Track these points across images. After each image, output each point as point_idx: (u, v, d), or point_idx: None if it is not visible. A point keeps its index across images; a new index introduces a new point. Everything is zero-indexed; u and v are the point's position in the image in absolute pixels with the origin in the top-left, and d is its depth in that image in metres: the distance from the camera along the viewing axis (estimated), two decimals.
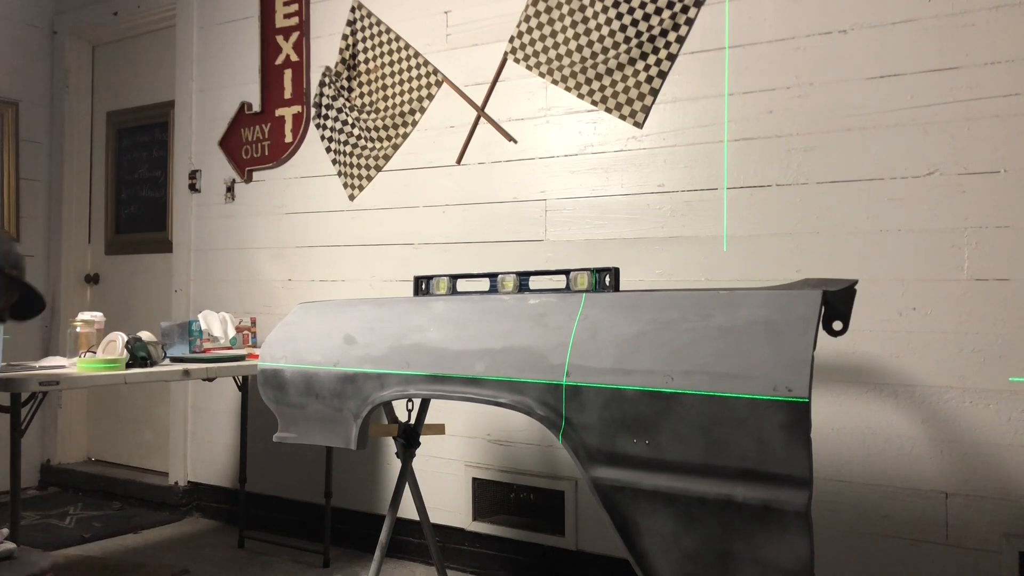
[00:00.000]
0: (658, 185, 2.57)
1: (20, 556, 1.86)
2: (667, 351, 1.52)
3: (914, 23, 2.21)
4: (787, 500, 1.37)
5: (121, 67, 4.32)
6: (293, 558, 3.03)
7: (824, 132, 2.32)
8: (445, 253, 2.99)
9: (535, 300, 1.78)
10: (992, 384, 2.09)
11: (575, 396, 1.59)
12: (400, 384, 1.86)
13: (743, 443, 1.41)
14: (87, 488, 4.10)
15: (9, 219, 4.16)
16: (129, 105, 4.23)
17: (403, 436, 2.22)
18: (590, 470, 1.57)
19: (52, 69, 4.34)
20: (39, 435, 4.21)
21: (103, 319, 2.74)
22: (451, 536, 2.90)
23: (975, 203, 2.13)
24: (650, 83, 2.56)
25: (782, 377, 1.38)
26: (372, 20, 3.14)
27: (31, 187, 4.26)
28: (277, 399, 2.10)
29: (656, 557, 1.51)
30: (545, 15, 2.74)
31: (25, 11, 4.25)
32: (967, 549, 2.11)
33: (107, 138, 4.36)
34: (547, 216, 2.78)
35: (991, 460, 2.09)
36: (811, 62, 2.34)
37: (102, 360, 2.46)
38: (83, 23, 4.29)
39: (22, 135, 4.21)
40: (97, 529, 3.45)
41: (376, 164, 3.15)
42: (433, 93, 3.01)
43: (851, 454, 2.26)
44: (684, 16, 2.50)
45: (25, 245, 4.23)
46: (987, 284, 2.11)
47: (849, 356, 2.25)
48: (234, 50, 3.59)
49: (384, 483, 3.02)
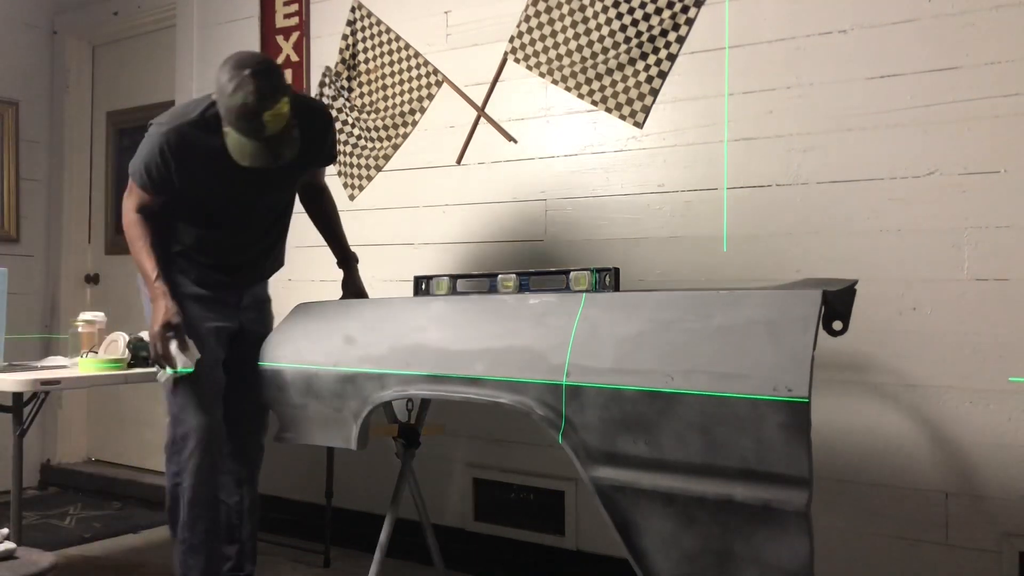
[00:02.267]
0: (658, 185, 2.57)
1: (20, 556, 1.87)
2: (667, 351, 1.52)
3: (914, 23, 2.21)
4: (787, 500, 1.37)
5: (121, 67, 4.32)
6: (293, 558, 3.03)
7: (824, 132, 2.32)
8: (445, 253, 2.99)
9: (535, 300, 1.78)
10: (992, 384, 2.09)
11: (575, 396, 1.59)
12: (400, 384, 1.86)
13: (743, 443, 1.41)
14: (87, 488, 4.10)
15: (9, 219, 4.16)
16: (129, 105, 4.23)
17: (403, 436, 2.22)
18: (590, 470, 1.58)
19: (52, 69, 4.34)
20: (39, 435, 4.21)
21: (104, 319, 2.74)
22: (451, 536, 2.90)
23: (975, 203, 2.13)
24: (650, 83, 2.56)
25: (782, 377, 1.38)
26: (372, 20, 3.14)
27: (31, 187, 4.26)
28: (277, 399, 2.10)
29: (656, 557, 1.51)
30: (545, 15, 2.74)
31: (25, 11, 4.25)
32: (967, 549, 2.11)
33: (107, 138, 4.36)
34: (547, 216, 2.78)
35: (991, 460, 2.09)
36: (811, 62, 2.34)
37: (104, 360, 2.47)
38: (83, 23, 4.29)
39: (22, 135, 4.21)
40: (97, 529, 3.45)
41: (376, 164, 3.15)
42: (433, 93, 3.01)
43: (851, 454, 2.26)
44: (684, 16, 2.50)
45: (25, 245, 4.23)
46: (987, 284, 2.11)
47: (849, 356, 2.25)
48: (234, 50, 3.54)
49: (384, 483, 3.02)
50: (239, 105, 1.91)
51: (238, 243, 2.35)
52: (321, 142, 2.32)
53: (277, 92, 1.93)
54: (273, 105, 1.91)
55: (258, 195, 2.27)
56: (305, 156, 2.21)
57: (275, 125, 1.94)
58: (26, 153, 4.23)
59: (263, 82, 1.91)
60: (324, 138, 2.34)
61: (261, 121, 1.91)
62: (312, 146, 2.24)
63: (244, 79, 1.90)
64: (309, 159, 2.29)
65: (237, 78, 1.92)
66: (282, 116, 1.94)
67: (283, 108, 1.93)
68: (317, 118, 2.28)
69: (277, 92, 1.93)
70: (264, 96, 1.90)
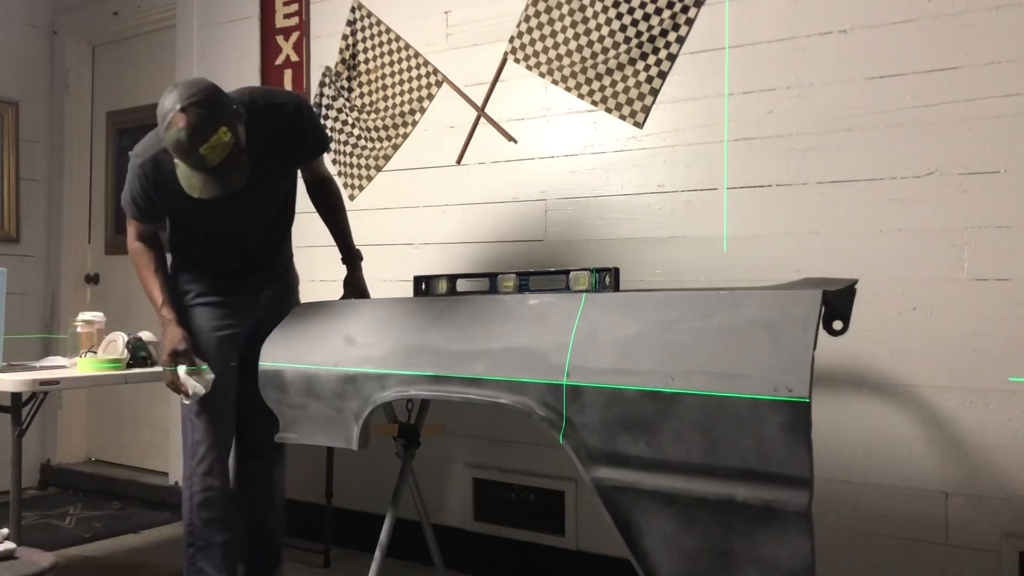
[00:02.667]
0: (658, 185, 2.57)
1: (20, 556, 1.87)
2: (667, 351, 1.52)
3: (914, 23, 2.21)
4: (788, 500, 1.37)
5: (121, 67, 4.32)
6: (293, 558, 3.02)
7: (824, 132, 2.32)
8: (445, 253, 2.98)
9: (535, 300, 1.78)
10: (992, 384, 2.09)
11: (576, 396, 1.59)
12: (401, 384, 1.86)
13: (744, 443, 1.41)
14: (87, 488, 4.10)
15: (9, 219, 4.16)
16: (129, 105, 4.23)
17: (403, 436, 2.22)
18: (591, 470, 1.58)
19: (52, 69, 4.34)
20: (39, 435, 4.21)
21: (103, 319, 2.73)
22: (451, 536, 2.90)
23: (975, 203, 2.13)
24: (650, 83, 2.56)
25: (782, 377, 1.38)
26: (372, 20, 3.14)
27: (31, 187, 4.26)
28: (278, 399, 2.10)
29: (657, 557, 1.51)
30: (545, 15, 2.74)
31: (25, 11, 4.25)
32: (967, 549, 2.11)
33: (107, 138, 4.36)
34: (547, 216, 2.78)
35: (991, 460, 2.09)
36: (811, 62, 2.34)
37: (103, 360, 2.46)
38: (83, 23, 4.29)
39: (22, 135, 4.21)
40: (97, 529, 3.45)
41: (376, 164, 3.15)
42: (433, 93, 3.01)
43: (851, 454, 2.26)
44: (684, 16, 2.50)
45: (25, 245, 4.23)
46: (987, 284, 2.11)
47: (849, 356, 2.25)
48: (234, 50, 3.59)
49: (384, 483, 3.01)
50: (174, 142, 1.86)
51: (240, 250, 2.34)
52: (295, 135, 2.22)
53: (211, 124, 1.84)
54: (209, 137, 1.84)
55: (245, 206, 2.22)
56: (283, 154, 2.18)
57: (215, 156, 1.87)
58: (26, 153, 4.23)
59: (193, 117, 1.83)
60: (297, 130, 2.22)
61: (199, 155, 1.86)
62: (284, 142, 2.18)
63: (176, 115, 1.85)
64: (289, 156, 2.24)
65: (171, 114, 1.86)
66: (221, 146, 1.86)
67: (221, 138, 1.85)
68: (282, 114, 2.18)
69: (211, 124, 1.84)
70: (196, 131, 1.83)
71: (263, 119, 2.09)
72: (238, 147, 1.92)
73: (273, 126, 2.13)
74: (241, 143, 1.94)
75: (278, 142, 2.15)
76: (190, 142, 1.84)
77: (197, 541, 2.31)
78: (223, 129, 1.86)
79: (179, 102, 1.85)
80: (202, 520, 2.29)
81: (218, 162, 1.89)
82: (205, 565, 2.30)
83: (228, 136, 1.87)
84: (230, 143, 1.88)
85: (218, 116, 1.87)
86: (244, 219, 2.27)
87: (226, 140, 1.87)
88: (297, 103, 2.23)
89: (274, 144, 2.14)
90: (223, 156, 1.89)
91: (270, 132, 2.12)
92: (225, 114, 1.90)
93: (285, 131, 2.17)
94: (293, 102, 2.22)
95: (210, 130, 1.84)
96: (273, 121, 2.13)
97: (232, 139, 1.89)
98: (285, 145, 2.19)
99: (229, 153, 1.89)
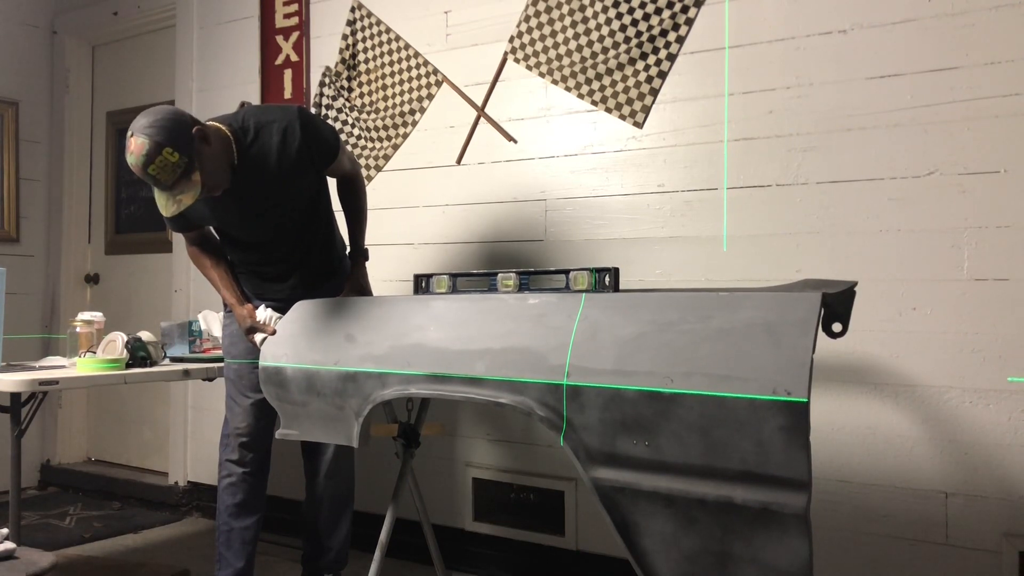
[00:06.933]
0: (658, 185, 2.57)
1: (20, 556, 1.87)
2: (667, 352, 1.52)
3: (914, 23, 2.21)
4: (786, 502, 1.37)
5: (121, 67, 4.32)
6: (293, 558, 3.02)
7: (824, 132, 2.32)
8: (445, 253, 2.98)
9: (535, 300, 1.78)
10: (992, 384, 2.10)
11: (575, 397, 1.59)
12: (401, 383, 1.86)
13: (742, 445, 1.41)
14: (87, 488, 4.10)
15: (9, 219, 4.16)
16: (129, 105, 4.23)
17: (403, 436, 2.22)
18: (590, 471, 1.58)
19: (52, 69, 4.34)
20: (39, 435, 4.21)
21: (103, 319, 2.73)
22: (451, 536, 2.90)
23: (975, 203, 2.13)
24: (650, 83, 2.56)
25: (781, 379, 1.38)
26: (372, 20, 3.14)
27: (31, 187, 4.26)
28: (279, 396, 2.10)
29: (656, 557, 1.51)
30: (545, 15, 2.74)
31: (25, 11, 4.25)
32: (967, 549, 2.11)
33: (107, 138, 4.36)
34: (547, 216, 2.78)
35: (991, 460, 2.10)
36: (811, 62, 2.34)
37: (102, 360, 2.46)
38: (83, 23, 4.29)
39: (22, 135, 4.21)
40: (97, 529, 3.45)
41: (376, 164, 3.15)
42: (433, 93, 3.01)
43: (851, 454, 2.26)
44: (684, 16, 2.50)
45: (25, 245, 4.23)
46: (987, 284, 2.11)
47: (849, 356, 2.25)
48: (234, 50, 3.59)
49: (384, 483, 3.02)
50: (129, 166, 1.99)
51: (272, 257, 2.40)
52: (292, 149, 2.23)
53: (156, 146, 1.94)
54: (153, 159, 1.94)
55: (261, 219, 2.30)
56: (286, 168, 2.22)
57: (167, 176, 1.97)
58: (26, 153, 4.23)
59: (141, 140, 1.95)
60: (291, 144, 2.22)
61: (150, 175, 1.97)
62: (283, 157, 2.22)
63: (128, 141, 1.99)
64: (292, 169, 2.25)
65: (127, 141, 2.00)
66: (170, 166, 1.96)
67: (168, 159, 1.95)
68: (274, 131, 2.22)
69: (156, 146, 1.94)
70: (141, 154, 1.95)
71: (257, 138, 2.20)
72: (191, 166, 2.00)
73: (268, 143, 2.21)
74: (195, 162, 2.01)
75: (276, 158, 2.22)
76: (138, 164, 1.96)
77: (221, 525, 2.43)
78: (167, 149, 1.95)
79: (132, 129, 1.99)
80: (224, 505, 2.42)
81: (171, 181, 1.98)
82: (224, 550, 2.42)
83: (175, 156, 1.96)
84: (179, 161, 1.97)
85: (164, 138, 1.96)
86: (264, 230, 2.34)
87: (174, 160, 1.96)
88: (288, 119, 2.24)
89: (273, 160, 2.21)
90: (174, 175, 1.98)
91: (266, 149, 2.20)
92: (173, 136, 1.98)
93: (280, 146, 2.23)
94: (283, 118, 2.25)
95: (155, 152, 1.95)
96: (267, 138, 2.21)
97: (181, 159, 1.97)
98: (285, 159, 2.23)
99: (183, 171, 1.99)
